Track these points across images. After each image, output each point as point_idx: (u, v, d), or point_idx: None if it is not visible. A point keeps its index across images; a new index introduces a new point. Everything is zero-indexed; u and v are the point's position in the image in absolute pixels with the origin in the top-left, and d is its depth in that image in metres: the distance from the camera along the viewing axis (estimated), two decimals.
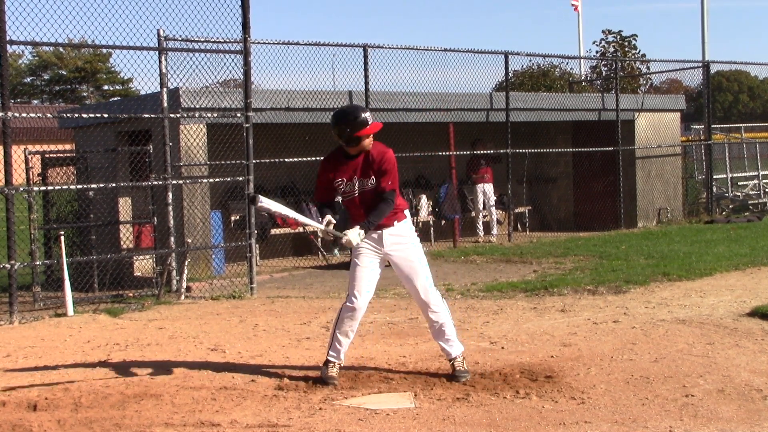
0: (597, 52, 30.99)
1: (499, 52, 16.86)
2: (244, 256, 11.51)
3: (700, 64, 20.84)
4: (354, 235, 6.08)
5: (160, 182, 11.13)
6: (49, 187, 11.48)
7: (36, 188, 10.83)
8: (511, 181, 16.93)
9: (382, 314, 9.05)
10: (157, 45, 10.91)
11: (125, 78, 47.09)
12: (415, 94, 15.56)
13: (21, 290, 10.47)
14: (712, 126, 20.60)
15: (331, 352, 6.28)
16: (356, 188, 6.15)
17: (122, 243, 13.05)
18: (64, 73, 50.32)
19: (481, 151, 16.66)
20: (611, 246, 14.87)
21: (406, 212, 6.34)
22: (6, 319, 9.43)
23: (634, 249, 14.25)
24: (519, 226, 18.45)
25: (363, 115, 6.08)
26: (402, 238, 6.25)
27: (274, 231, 15.21)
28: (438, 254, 14.78)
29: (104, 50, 41.30)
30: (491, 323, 8.47)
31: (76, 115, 13.50)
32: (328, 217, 6.16)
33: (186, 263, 11.37)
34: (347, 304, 6.23)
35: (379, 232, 6.20)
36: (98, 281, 11.82)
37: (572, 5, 30.86)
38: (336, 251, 14.69)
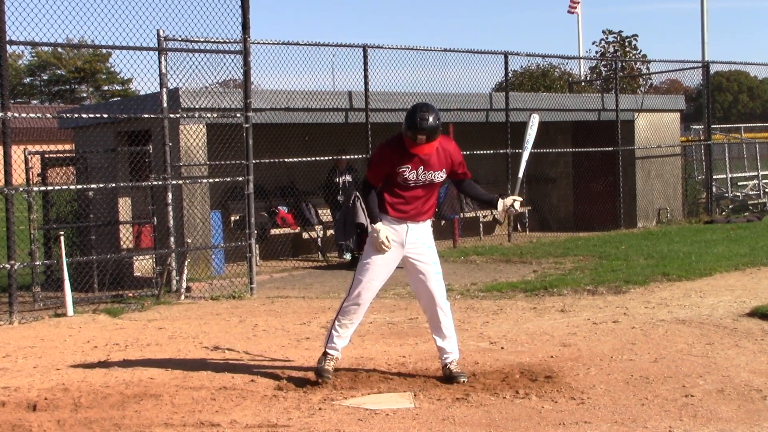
0: (597, 52, 30.97)
1: (499, 53, 16.87)
2: (244, 256, 11.51)
3: (700, 65, 20.85)
4: (511, 198, 6.24)
5: (160, 182, 11.13)
6: (49, 187, 11.48)
7: (36, 188, 10.83)
8: (511, 181, 16.92)
9: (382, 314, 9.05)
10: (156, 45, 10.91)
11: (125, 78, 47.10)
12: (415, 94, 15.54)
13: (21, 290, 10.47)
14: (712, 126, 20.61)
15: (329, 343, 6.21)
16: (422, 179, 6.04)
17: (122, 243, 13.05)
18: (63, 73, 50.32)
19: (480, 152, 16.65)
20: (611, 246, 14.87)
21: None
22: (6, 319, 9.43)
23: (633, 249, 14.24)
24: (519, 226, 18.45)
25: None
26: (423, 239, 6.22)
27: (274, 231, 15.22)
28: (438, 254, 14.74)
29: (104, 50, 41.30)
30: (491, 323, 8.47)
31: (76, 116, 13.51)
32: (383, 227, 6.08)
33: (186, 263, 11.36)
34: (353, 295, 6.13)
35: (404, 226, 6.13)
36: (98, 281, 11.82)
37: (572, 7, 30.66)
38: (347, 255, 14.61)
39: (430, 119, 5.88)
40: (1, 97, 9.35)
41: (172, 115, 11.32)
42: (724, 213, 20.65)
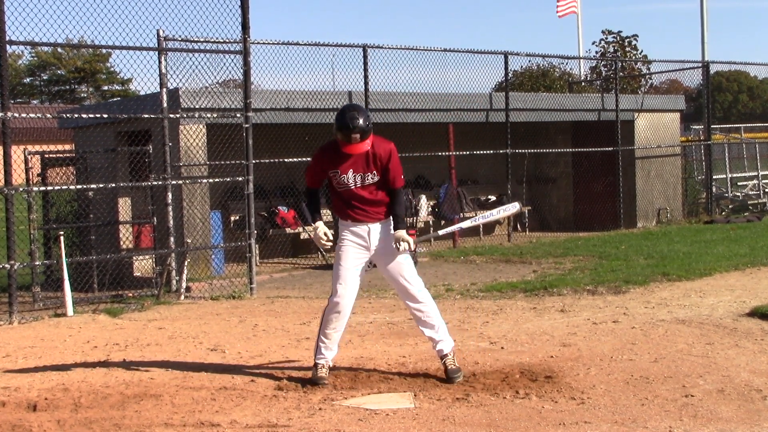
0: (597, 52, 30.96)
1: (499, 53, 16.87)
2: (244, 256, 11.51)
3: (700, 65, 20.85)
4: (406, 236, 6.10)
5: (160, 182, 11.13)
6: (49, 187, 11.48)
7: (36, 188, 10.83)
8: (511, 181, 16.94)
9: (382, 314, 9.05)
10: (156, 45, 10.91)
11: (125, 78, 47.09)
12: (414, 94, 15.56)
13: (21, 290, 10.47)
14: (712, 126, 20.61)
15: (317, 355, 6.25)
16: (353, 181, 6.08)
17: (122, 243, 13.05)
18: (63, 73, 50.31)
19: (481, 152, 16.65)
20: (611, 246, 14.87)
21: None
22: (6, 319, 9.43)
23: (633, 249, 14.25)
24: (519, 226, 18.46)
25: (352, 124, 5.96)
26: (388, 235, 6.21)
27: (273, 231, 15.22)
28: (438, 254, 14.78)
29: (104, 50, 41.29)
30: (491, 323, 8.47)
31: (76, 116, 13.51)
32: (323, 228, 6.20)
33: (186, 263, 11.37)
34: (331, 304, 6.17)
35: (366, 228, 6.15)
36: (98, 281, 11.82)
37: (559, 11, 30.49)
38: None
39: (361, 120, 5.96)
40: (1, 97, 9.35)
41: (172, 115, 11.32)
42: (724, 213, 20.65)
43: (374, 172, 6.10)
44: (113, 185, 11.37)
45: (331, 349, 6.25)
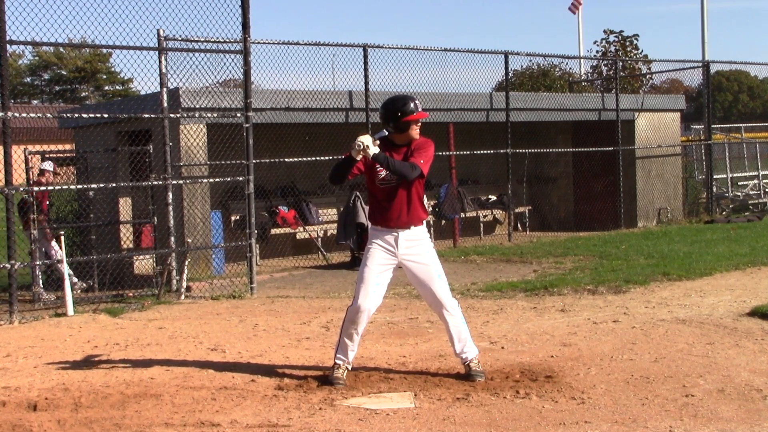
0: (598, 51, 30.94)
1: (499, 52, 16.87)
2: (244, 256, 11.51)
3: (700, 64, 20.84)
4: (368, 138, 5.97)
5: (160, 182, 11.13)
6: (49, 187, 11.48)
7: (36, 188, 10.83)
8: (511, 181, 16.94)
9: (382, 314, 9.04)
10: (157, 45, 10.91)
11: (125, 78, 47.13)
12: (415, 94, 15.53)
13: (21, 290, 10.47)
14: (712, 126, 20.60)
15: (337, 355, 6.26)
16: (390, 175, 6.09)
17: (123, 243, 13.05)
18: (64, 73, 50.34)
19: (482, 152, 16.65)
20: (611, 246, 14.87)
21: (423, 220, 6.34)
22: (6, 319, 9.43)
23: (634, 249, 14.24)
24: (519, 226, 18.46)
25: (411, 103, 6.15)
26: (417, 242, 6.23)
27: (274, 231, 15.22)
28: (438, 254, 14.71)
29: (104, 50, 41.33)
30: (491, 323, 8.47)
31: (76, 115, 13.51)
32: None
33: (186, 263, 11.37)
34: (352, 305, 6.18)
35: (395, 234, 6.17)
36: (98, 281, 11.82)
37: (572, 6, 30.94)
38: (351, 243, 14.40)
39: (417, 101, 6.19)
40: (2, 96, 9.35)
41: (172, 115, 11.31)
42: (724, 213, 20.64)
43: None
44: (114, 185, 11.37)
45: (353, 350, 6.26)
